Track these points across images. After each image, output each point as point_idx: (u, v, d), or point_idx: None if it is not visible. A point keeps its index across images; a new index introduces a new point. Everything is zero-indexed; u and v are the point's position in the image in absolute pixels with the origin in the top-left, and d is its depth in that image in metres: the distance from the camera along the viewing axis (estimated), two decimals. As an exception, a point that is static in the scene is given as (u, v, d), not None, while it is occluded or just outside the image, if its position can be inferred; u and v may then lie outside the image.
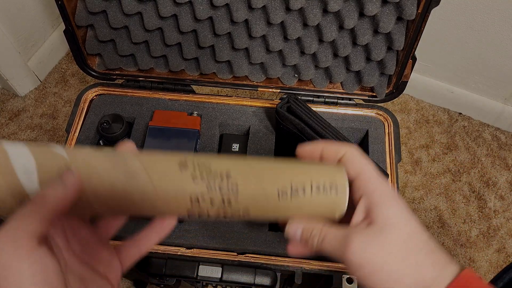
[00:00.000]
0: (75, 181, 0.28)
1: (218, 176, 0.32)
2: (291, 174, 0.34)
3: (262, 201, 0.33)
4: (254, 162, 0.34)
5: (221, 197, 0.32)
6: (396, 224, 0.30)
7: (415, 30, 0.55)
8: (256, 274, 0.53)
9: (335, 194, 0.33)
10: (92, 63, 0.66)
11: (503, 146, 1.07)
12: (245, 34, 0.60)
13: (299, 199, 0.33)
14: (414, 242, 0.30)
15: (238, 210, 0.33)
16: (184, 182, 0.31)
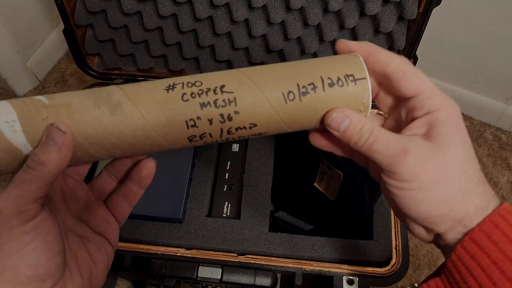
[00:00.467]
0: (66, 138, 0.28)
1: (211, 91, 0.29)
2: (295, 73, 0.29)
3: (268, 109, 0.29)
4: (250, 71, 0.30)
5: (219, 112, 0.28)
6: (458, 146, 0.28)
7: (416, 29, 0.55)
8: (256, 275, 0.52)
9: (353, 84, 0.29)
10: (92, 62, 0.66)
11: (505, 146, 1.07)
12: (245, 34, 0.59)
13: (311, 98, 0.29)
14: (470, 168, 0.28)
15: (244, 124, 0.29)
16: (174, 104, 0.29)
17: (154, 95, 0.29)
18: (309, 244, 0.54)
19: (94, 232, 0.34)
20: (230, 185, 0.59)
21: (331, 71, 0.29)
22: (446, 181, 0.28)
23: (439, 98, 0.29)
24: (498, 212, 0.27)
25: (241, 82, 0.29)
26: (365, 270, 0.53)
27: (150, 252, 0.54)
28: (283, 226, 0.64)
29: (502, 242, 0.26)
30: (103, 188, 0.35)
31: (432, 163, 0.28)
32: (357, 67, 0.29)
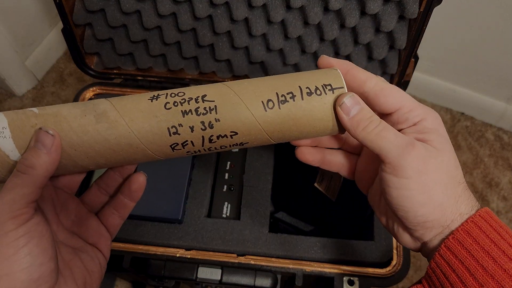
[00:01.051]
0: (54, 141, 0.29)
1: (193, 100, 0.30)
2: (275, 84, 0.30)
3: (248, 117, 0.30)
4: (232, 83, 0.31)
5: (200, 120, 0.29)
6: (450, 152, 0.30)
7: (417, 29, 0.55)
8: (256, 276, 0.52)
9: (331, 93, 0.30)
10: (90, 62, 0.66)
11: (506, 146, 1.06)
12: (245, 33, 0.59)
13: (290, 106, 0.30)
14: (459, 174, 0.30)
15: (225, 132, 0.30)
16: (157, 112, 0.29)
17: (138, 105, 0.30)
18: (309, 245, 0.54)
19: (87, 243, 0.35)
20: (230, 186, 0.59)
21: (309, 82, 0.30)
22: (442, 185, 0.29)
23: (421, 109, 0.30)
24: (472, 220, 0.28)
25: (222, 92, 0.30)
26: (365, 271, 0.53)
27: (149, 252, 0.54)
28: (283, 227, 0.63)
29: (474, 250, 0.27)
30: (94, 202, 0.36)
31: (434, 163, 0.28)
32: (334, 78, 0.30)
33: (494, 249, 0.27)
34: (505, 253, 0.27)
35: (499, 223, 0.29)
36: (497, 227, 0.28)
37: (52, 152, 0.28)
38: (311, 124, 0.31)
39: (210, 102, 0.30)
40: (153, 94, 0.31)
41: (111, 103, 0.30)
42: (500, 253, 0.27)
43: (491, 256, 0.27)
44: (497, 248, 0.27)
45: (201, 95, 0.30)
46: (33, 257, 0.27)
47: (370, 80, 0.31)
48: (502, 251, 0.27)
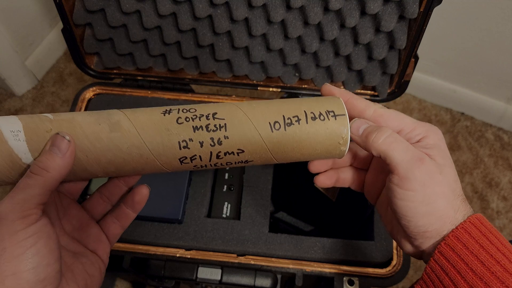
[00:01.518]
0: (70, 146, 0.30)
1: (204, 116, 0.31)
2: (282, 107, 0.33)
3: (255, 136, 0.32)
4: (242, 104, 0.33)
5: (210, 136, 0.31)
6: (451, 167, 0.32)
7: (417, 29, 0.55)
8: (256, 276, 0.52)
9: (333, 119, 0.32)
10: (90, 62, 0.66)
11: (506, 146, 1.06)
12: (245, 33, 0.59)
13: (295, 129, 0.32)
14: (458, 187, 0.32)
15: (232, 149, 0.32)
16: (169, 125, 0.31)
17: (151, 117, 0.31)
18: (309, 245, 0.54)
19: (87, 249, 0.35)
20: (230, 186, 0.59)
21: (314, 107, 0.33)
22: (445, 198, 0.31)
23: (422, 128, 0.33)
24: (462, 226, 0.30)
25: (232, 111, 0.32)
26: (365, 271, 0.53)
27: (149, 253, 0.54)
28: (283, 227, 0.63)
29: (464, 254, 0.29)
30: (95, 209, 0.37)
31: (439, 177, 0.31)
32: (337, 105, 0.33)
33: (482, 253, 0.29)
34: (493, 256, 0.29)
35: (489, 228, 0.30)
36: (487, 232, 0.30)
37: (67, 157, 0.29)
38: (313, 147, 0.33)
39: (220, 120, 0.31)
40: (166, 109, 0.32)
41: (125, 114, 0.32)
42: (488, 257, 0.29)
43: (479, 260, 0.29)
44: (486, 252, 0.29)
45: (212, 112, 0.32)
46: (41, 257, 0.27)
47: (368, 108, 0.34)
48: (490, 255, 0.29)
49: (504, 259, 0.29)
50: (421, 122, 0.33)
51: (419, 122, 0.33)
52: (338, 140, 0.33)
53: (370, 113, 0.33)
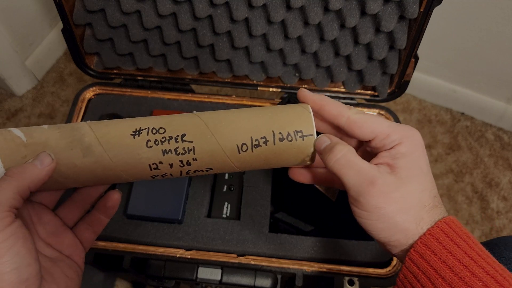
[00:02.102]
0: (51, 163, 0.31)
1: (173, 139, 0.32)
2: (250, 127, 0.33)
3: (222, 157, 0.33)
4: (211, 121, 0.33)
5: (179, 159, 0.32)
6: (418, 178, 0.31)
7: (417, 29, 0.55)
8: (256, 276, 0.52)
9: (301, 140, 0.33)
10: (90, 62, 0.66)
11: (506, 146, 1.06)
12: (245, 33, 0.59)
13: (262, 150, 0.33)
14: (425, 196, 0.31)
15: (201, 168, 0.33)
16: (139, 150, 0.32)
17: (122, 140, 0.32)
18: (309, 245, 0.54)
19: (63, 254, 0.36)
20: (230, 186, 0.59)
21: (282, 126, 0.33)
22: (404, 213, 0.30)
23: (398, 133, 0.32)
24: (429, 232, 0.30)
25: (201, 133, 0.33)
26: (366, 271, 0.53)
27: (149, 253, 0.54)
28: (283, 227, 0.63)
29: (432, 261, 0.29)
30: (68, 216, 0.38)
31: (396, 195, 0.30)
32: (306, 124, 0.33)
33: (450, 258, 0.29)
34: (460, 261, 0.29)
35: (458, 231, 0.30)
36: (455, 236, 0.30)
37: (44, 171, 0.30)
38: (279, 164, 0.34)
39: (189, 143, 0.32)
40: (135, 128, 0.33)
41: (96, 136, 0.32)
42: (456, 262, 0.29)
43: (447, 265, 0.29)
44: (453, 258, 0.29)
45: (181, 134, 0.32)
46: (21, 257, 0.28)
47: (342, 116, 0.33)
48: (458, 260, 0.29)
49: (472, 263, 0.29)
50: (399, 126, 0.33)
51: (396, 127, 0.33)
52: (303, 157, 0.34)
53: (344, 120, 0.33)
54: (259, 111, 0.34)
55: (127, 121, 0.34)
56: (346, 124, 0.33)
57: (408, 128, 0.33)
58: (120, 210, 0.56)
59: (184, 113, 0.35)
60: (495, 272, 0.28)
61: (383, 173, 0.31)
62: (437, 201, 0.32)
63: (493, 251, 0.43)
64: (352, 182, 0.31)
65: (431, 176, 0.33)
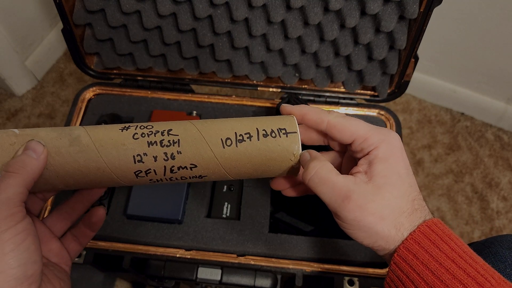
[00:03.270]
0: (44, 150, 0.31)
1: (159, 132, 0.33)
2: (235, 125, 0.34)
3: (207, 151, 0.33)
4: (197, 122, 0.34)
5: (163, 151, 0.32)
6: (394, 184, 0.32)
7: (417, 29, 0.55)
8: (256, 276, 0.52)
9: (285, 136, 0.33)
10: (90, 62, 0.66)
11: (506, 147, 1.06)
12: (245, 33, 0.59)
13: (246, 145, 0.33)
14: (404, 202, 0.32)
15: (185, 164, 0.33)
16: (125, 140, 0.32)
17: (109, 133, 0.33)
18: (309, 245, 0.54)
19: (50, 261, 0.36)
20: (230, 186, 0.59)
21: (266, 125, 0.33)
22: (383, 221, 0.31)
23: (375, 137, 0.33)
24: (411, 237, 0.31)
25: (186, 128, 0.33)
26: (365, 271, 0.53)
27: (149, 253, 0.54)
28: (283, 227, 0.63)
29: (415, 265, 0.30)
30: (55, 226, 0.38)
31: (372, 206, 0.31)
32: (289, 123, 0.34)
33: (432, 262, 0.29)
34: (442, 265, 0.29)
35: (440, 234, 0.31)
36: (436, 239, 0.30)
37: (41, 159, 0.31)
38: (265, 164, 0.34)
39: (174, 136, 0.32)
40: (125, 126, 0.34)
41: (85, 130, 0.33)
42: (438, 265, 0.29)
43: (429, 269, 0.29)
44: (435, 261, 0.29)
45: (167, 129, 0.33)
46: (30, 253, 0.28)
47: (322, 122, 0.34)
48: (439, 263, 0.29)
49: (453, 266, 0.29)
50: (377, 129, 0.33)
51: (374, 130, 0.33)
52: (289, 157, 0.34)
53: (324, 125, 0.34)
54: (244, 118, 0.35)
55: (117, 124, 0.35)
56: (327, 129, 0.34)
57: (386, 131, 0.34)
58: (120, 210, 0.56)
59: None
60: (476, 273, 0.28)
61: (359, 184, 0.32)
62: (417, 204, 0.32)
63: (489, 249, 0.43)
64: (328, 199, 0.32)
65: (411, 180, 0.33)
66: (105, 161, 0.32)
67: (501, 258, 0.42)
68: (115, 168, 0.33)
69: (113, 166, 0.33)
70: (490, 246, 0.44)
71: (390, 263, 0.32)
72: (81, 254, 0.53)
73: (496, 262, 0.42)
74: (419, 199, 0.33)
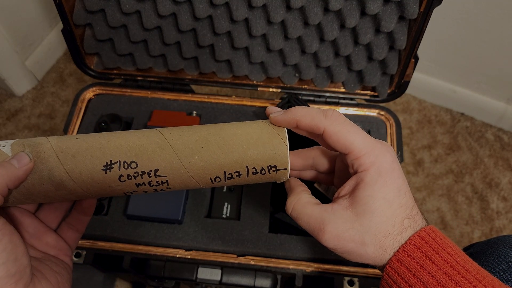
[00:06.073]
0: (29, 163, 0.31)
1: (146, 174, 0.32)
2: (224, 162, 0.32)
3: (195, 186, 0.34)
4: (184, 151, 0.32)
5: (153, 188, 0.33)
6: (376, 210, 0.31)
7: (417, 29, 0.55)
8: (256, 277, 0.52)
9: (274, 173, 0.33)
10: (90, 62, 0.66)
11: (506, 147, 1.06)
12: (245, 33, 0.59)
13: (235, 181, 0.33)
14: (388, 225, 0.31)
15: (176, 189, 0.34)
16: (112, 183, 0.32)
17: (93, 175, 0.32)
18: (309, 245, 0.54)
19: (48, 254, 0.36)
20: (230, 186, 0.59)
21: (256, 161, 0.32)
22: (365, 246, 0.31)
23: (367, 159, 0.31)
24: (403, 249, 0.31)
25: (173, 167, 0.32)
26: (365, 271, 0.52)
27: (149, 253, 0.54)
28: (283, 227, 0.63)
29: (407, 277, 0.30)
30: (48, 218, 0.38)
31: (351, 233, 0.31)
32: (280, 159, 0.33)
33: (424, 274, 0.29)
34: (434, 277, 0.29)
35: (432, 244, 0.30)
36: (428, 250, 0.30)
37: (21, 171, 0.30)
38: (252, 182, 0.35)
39: (162, 177, 0.32)
40: (106, 162, 0.31)
41: (66, 171, 0.31)
42: (430, 278, 0.29)
43: (421, 281, 0.29)
44: (427, 274, 0.29)
45: (154, 169, 0.32)
46: (8, 252, 0.28)
47: (318, 128, 0.32)
48: (431, 275, 0.29)
49: (445, 278, 0.29)
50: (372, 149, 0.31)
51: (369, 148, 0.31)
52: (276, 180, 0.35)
53: (320, 132, 0.33)
54: (234, 141, 0.33)
55: (95, 151, 0.32)
56: (323, 137, 0.33)
57: (380, 150, 0.32)
58: (120, 210, 0.56)
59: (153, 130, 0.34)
60: (468, 284, 0.28)
61: (336, 212, 0.32)
62: (408, 223, 0.31)
63: (493, 249, 0.43)
64: (307, 230, 0.33)
65: (402, 200, 0.31)
66: (95, 196, 0.34)
67: (505, 258, 0.42)
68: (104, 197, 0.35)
69: (102, 196, 0.34)
70: (494, 246, 0.44)
71: (383, 274, 0.32)
72: (81, 254, 0.53)
73: (499, 262, 0.42)
74: (413, 214, 0.32)
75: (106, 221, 0.55)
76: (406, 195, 0.32)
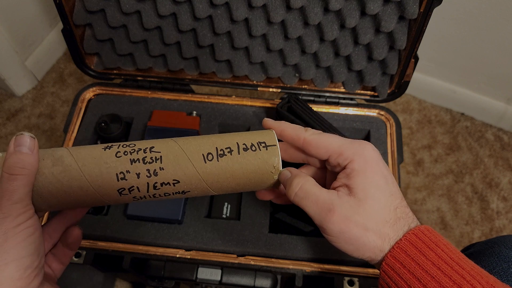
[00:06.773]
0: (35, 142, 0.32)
1: (142, 150, 0.33)
2: (216, 140, 0.34)
3: (189, 167, 0.33)
4: (179, 139, 0.35)
5: (146, 168, 0.33)
6: (374, 197, 0.32)
7: (417, 29, 0.55)
8: (256, 277, 0.52)
9: (264, 149, 0.34)
10: (90, 62, 0.66)
11: (506, 147, 1.06)
12: (245, 33, 0.59)
13: (227, 160, 0.34)
14: (386, 212, 0.32)
15: (168, 180, 0.33)
16: (108, 159, 0.33)
17: (92, 153, 0.33)
18: (309, 245, 0.54)
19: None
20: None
21: (246, 139, 0.34)
22: (368, 233, 0.32)
23: (348, 151, 0.34)
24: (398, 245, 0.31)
25: (168, 145, 0.34)
26: (365, 271, 0.53)
27: (149, 253, 0.54)
28: (283, 227, 0.63)
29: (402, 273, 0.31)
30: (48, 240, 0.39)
31: (356, 219, 0.32)
32: (269, 137, 0.35)
33: (418, 270, 0.30)
34: (428, 272, 0.30)
35: (427, 242, 0.31)
36: (423, 247, 0.31)
37: (35, 153, 0.31)
38: (246, 177, 0.35)
39: (156, 153, 0.33)
40: (107, 145, 0.34)
41: (69, 151, 0.33)
42: (424, 273, 0.30)
43: (416, 277, 0.30)
44: (421, 269, 0.30)
45: (149, 146, 0.33)
46: (36, 247, 0.30)
47: (299, 139, 0.36)
48: (425, 271, 0.30)
49: (439, 273, 0.29)
50: (351, 143, 0.34)
51: (348, 145, 0.34)
52: (270, 169, 0.35)
53: (301, 143, 0.36)
54: (225, 134, 0.36)
55: (100, 144, 0.35)
56: (303, 146, 0.36)
57: (358, 144, 0.34)
58: (120, 210, 0.56)
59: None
60: (462, 280, 0.29)
61: (342, 197, 0.33)
62: (400, 212, 0.33)
63: (492, 249, 0.44)
64: (312, 212, 0.33)
65: (391, 188, 0.33)
66: (88, 179, 0.33)
67: (505, 258, 0.42)
68: (98, 187, 0.33)
69: (96, 185, 0.33)
70: (493, 246, 0.44)
71: (380, 272, 0.33)
72: (81, 254, 0.53)
73: (499, 262, 0.42)
74: (402, 206, 0.33)
75: (106, 221, 0.55)
76: (394, 184, 0.34)
